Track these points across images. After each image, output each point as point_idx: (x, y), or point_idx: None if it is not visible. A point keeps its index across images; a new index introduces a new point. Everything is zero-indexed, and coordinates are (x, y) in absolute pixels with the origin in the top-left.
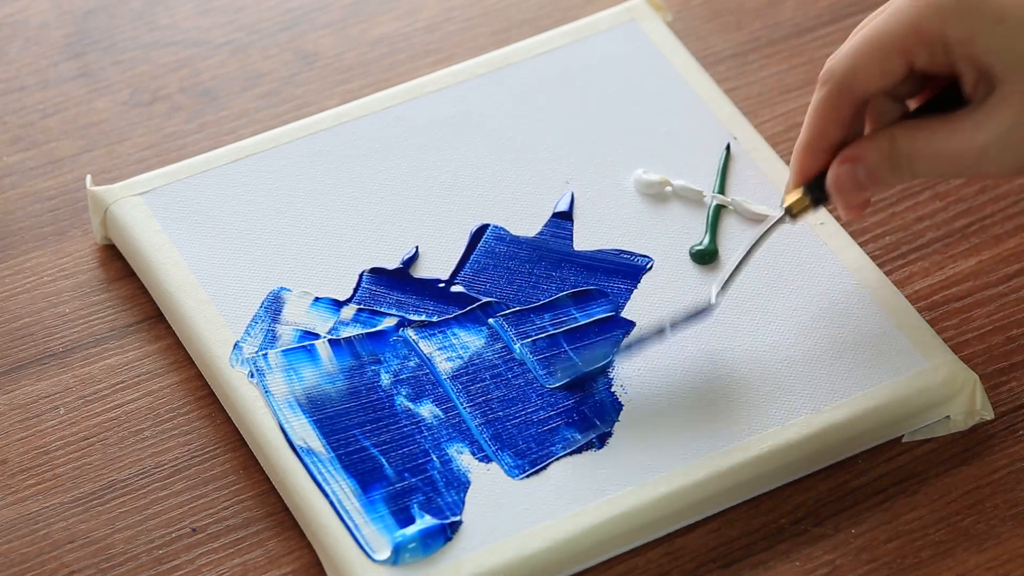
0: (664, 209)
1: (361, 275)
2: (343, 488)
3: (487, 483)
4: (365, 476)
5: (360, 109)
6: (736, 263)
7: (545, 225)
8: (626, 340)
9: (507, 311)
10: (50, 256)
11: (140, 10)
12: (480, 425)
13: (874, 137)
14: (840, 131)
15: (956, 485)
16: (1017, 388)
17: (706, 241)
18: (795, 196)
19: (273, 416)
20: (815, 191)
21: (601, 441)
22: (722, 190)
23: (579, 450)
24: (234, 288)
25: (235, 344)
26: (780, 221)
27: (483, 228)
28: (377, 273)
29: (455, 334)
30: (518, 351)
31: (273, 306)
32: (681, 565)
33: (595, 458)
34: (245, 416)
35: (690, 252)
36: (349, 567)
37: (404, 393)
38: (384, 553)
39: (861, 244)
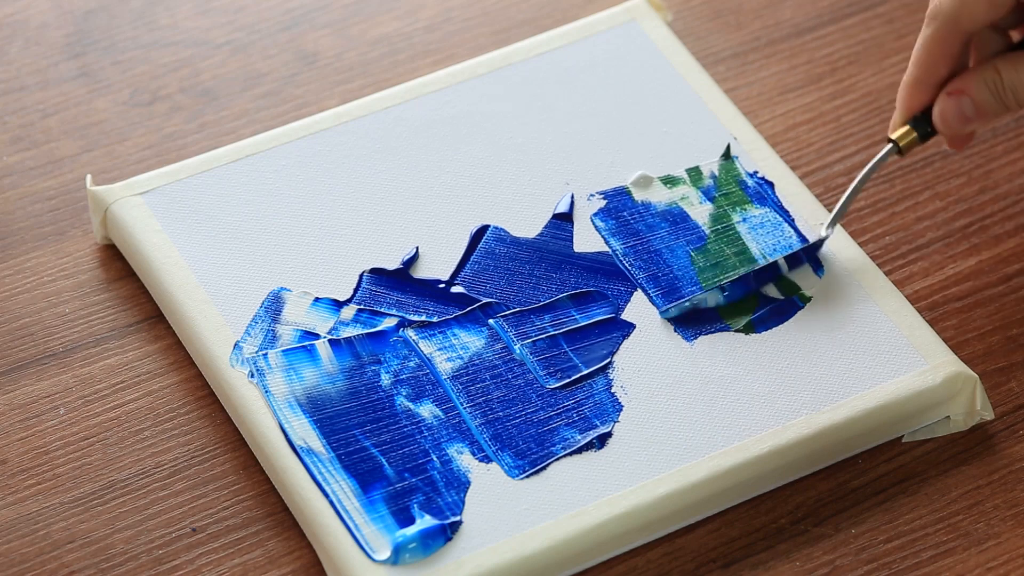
0: None
1: (361, 275)
2: (343, 488)
3: (487, 483)
4: (365, 476)
5: (360, 109)
6: (845, 198)
7: (545, 226)
8: (736, 277)
9: (507, 312)
10: (50, 256)
11: (140, 10)
12: (480, 425)
13: (979, 70)
14: (947, 66)
15: (956, 485)
16: (1017, 388)
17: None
18: (902, 130)
19: (273, 416)
20: (921, 125)
21: (601, 441)
22: None
23: (579, 450)
24: (234, 288)
25: (235, 344)
26: (888, 154)
27: (483, 229)
28: (377, 273)
29: (455, 334)
30: (518, 352)
31: (273, 306)
32: (681, 565)
33: (595, 458)
34: (245, 416)
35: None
36: (349, 567)
37: (404, 393)
38: (384, 553)
39: (861, 244)
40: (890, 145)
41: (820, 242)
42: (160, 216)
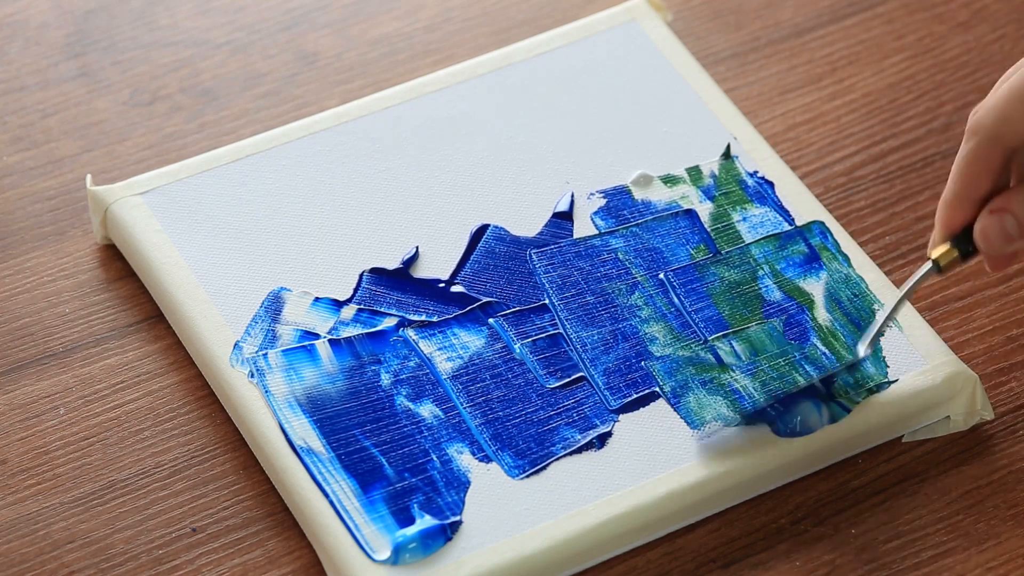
0: None
1: (361, 275)
2: (343, 488)
3: (487, 483)
4: (365, 476)
5: (360, 109)
6: (883, 319)
7: (545, 225)
8: (772, 401)
9: (507, 311)
10: (50, 256)
11: (140, 10)
12: (480, 425)
13: (1022, 189)
14: (988, 183)
15: (956, 485)
16: (1017, 388)
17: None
18: (942, 249)
19: (273, 416)
20: (962, 243)
21: (601, 441)
22: None
23: (579, 450)
24: (234, 288)
25: (235, 344)
26: (927, 274)
27: (483, 228)
28: (377, 273)
29: (455, 334)
30: (518, 351)
31: (273, 306)
32: (681, 565)
33: (595, 458)
34: (245, 416)
35: None
36: (349, 567)
37: (404, 393)
38: (384, 553)
39: (861, 244)
40: (930, 264)
41: (857, 363)
42: (160, 216)
